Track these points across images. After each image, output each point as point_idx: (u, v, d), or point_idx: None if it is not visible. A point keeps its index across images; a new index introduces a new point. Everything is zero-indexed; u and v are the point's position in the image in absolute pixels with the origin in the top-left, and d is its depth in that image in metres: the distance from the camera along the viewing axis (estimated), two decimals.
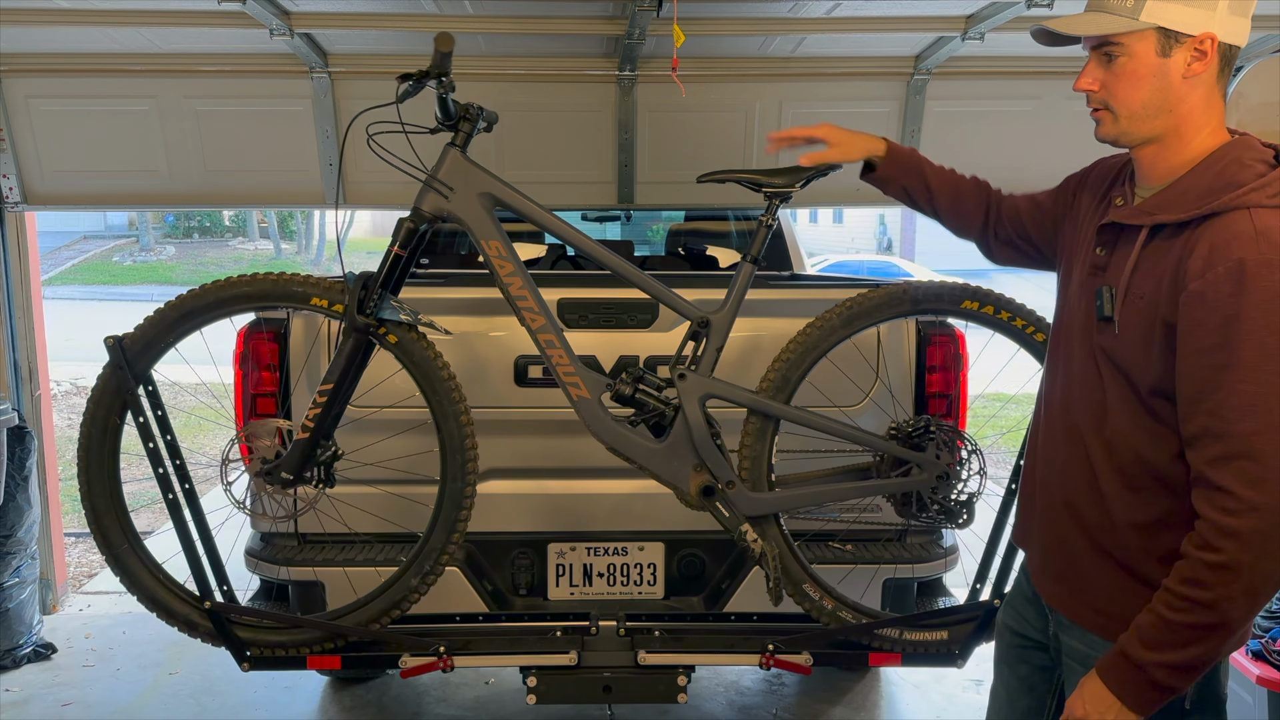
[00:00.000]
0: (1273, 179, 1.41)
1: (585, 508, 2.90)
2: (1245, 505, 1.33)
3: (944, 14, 3.57)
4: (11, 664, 3.85)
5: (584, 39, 3.77)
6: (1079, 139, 4.41)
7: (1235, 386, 1.34)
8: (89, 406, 2.56)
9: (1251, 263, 1.34)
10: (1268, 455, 1.32)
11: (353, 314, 2.41)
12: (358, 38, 3.77)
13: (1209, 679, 1.54)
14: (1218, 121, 1.48)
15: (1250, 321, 1.33)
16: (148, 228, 25.51)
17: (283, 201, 4.34)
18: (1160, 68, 1.45)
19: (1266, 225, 1.36)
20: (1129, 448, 1.50)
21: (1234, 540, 1.33)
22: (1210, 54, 1.44)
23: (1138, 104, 1.47)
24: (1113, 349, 1.51)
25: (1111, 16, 1.46)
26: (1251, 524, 1.33)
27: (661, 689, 2.65)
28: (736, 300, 2.45)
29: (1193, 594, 1.37)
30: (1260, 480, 1.32)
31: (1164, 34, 1.44)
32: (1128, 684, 1.44)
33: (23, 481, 3.92)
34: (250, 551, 2.91)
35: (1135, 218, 1.50)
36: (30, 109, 4.01)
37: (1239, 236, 1.36)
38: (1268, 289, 1.33)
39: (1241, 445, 1.33)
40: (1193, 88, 1.46)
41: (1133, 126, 1.49)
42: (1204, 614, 1.36)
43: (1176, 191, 1.46)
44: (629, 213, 4.79)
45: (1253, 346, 1.33)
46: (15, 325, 4.25)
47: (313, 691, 3.66)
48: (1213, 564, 1.35)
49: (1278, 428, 1.33)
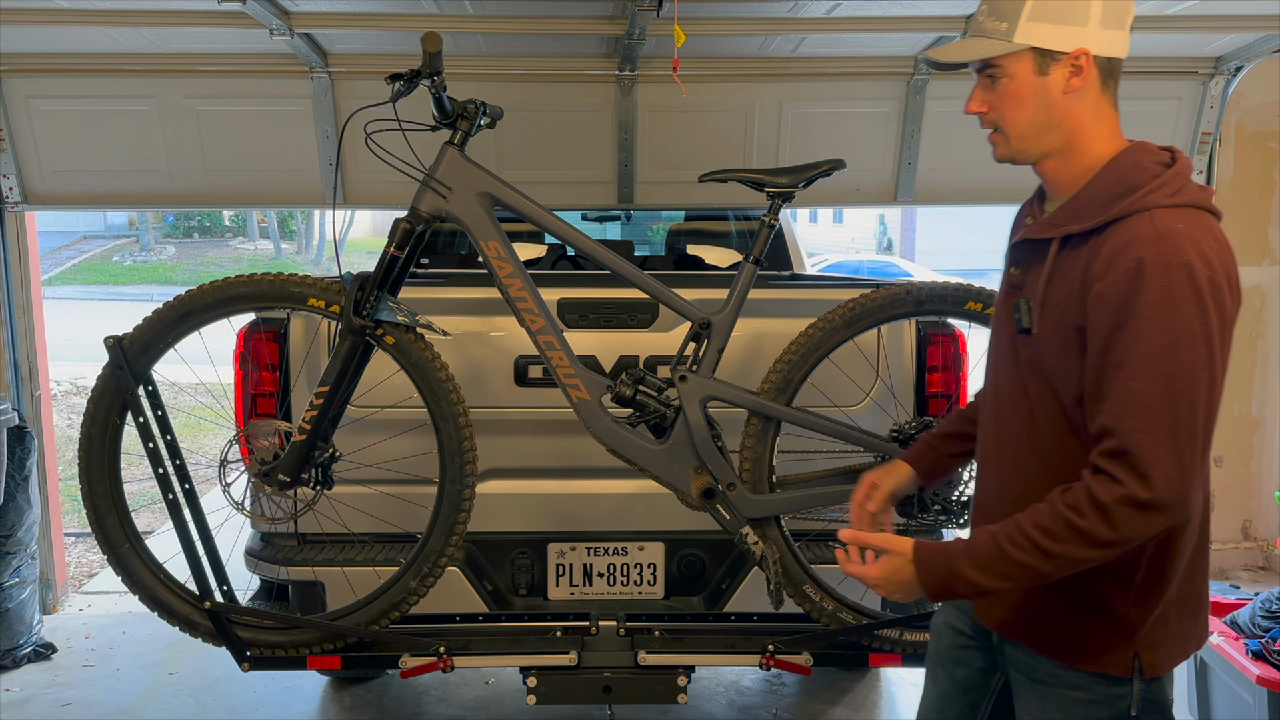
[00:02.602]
0: (1169, 178, 1.45)
1: (585, 508, 2.90)
2: (1123, 493, 1.36)
3: (944, 14, 3.56)
4: (11, 664, 3.85)
5: (584, 39, 3.77)
6: None
7: (1126, 384, 1.37)
8: (89, 406, 2.56)
9: (1150, 263, 1.37)
10: (1149, 451, 1.36)
11: (349, 315, 2.41)
12: (358, 38, 3.76)
13: (1158, 690, 1.54)
14: (1111, 130, 1.54)
15: (1144, 320, 1.36)
16: (148, 228, 25.50)
17: (283, 201, 4.34)
18: (1040, 86, 1.50)
19: (1168, 226, 1.39)
20: (1063, 461, 1.51)
21: (1100, 515, 1.37)
22: (1087, 68, 1.49)
23: (1025, 123, 1.52)
24: (1035, 361, 1.53)
25: (988, 41, 1.51)
26: (1121, 510, 1.37)
27: (661, 689, 2.65)
28: (738, 301, 2.45)
29: (1040, 540, 1.41)
30: (1141, 476, 1.36)
31: (1039, 53, 1.49)
32: (934, 581, 1.51)
33: (23, 481, 3.92)
34: (250, 551, 2.91)
35: (1045, 231, 1.53)
36: (30, 109, 4.01)
37: (1139, 237, 1.40)
38: (1163, 289, 1.36)
39: (1128, 442, 1.37)
40: (1076, 101, 1.51)
41: (1024, 145, 1.54)
42: (1038, 560, 1.41)
43: (1081, 201, 1.49)
44: (629, 213, 4.79)
45: (1144, 346, 1.36)
46: (15, 325, 4.25)
47: (312, 691, 3.66)
48: (1072, 524, 1.39)
49: (1162, 428, 1.36)
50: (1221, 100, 4.22)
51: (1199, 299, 1.36)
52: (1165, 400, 1.35)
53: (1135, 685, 1.52)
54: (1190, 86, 4.22)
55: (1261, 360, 4.70)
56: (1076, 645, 1.54)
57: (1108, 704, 1.54)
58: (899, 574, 1.54)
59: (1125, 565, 1.48)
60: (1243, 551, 4.80)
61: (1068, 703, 1.56)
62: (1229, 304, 1.40)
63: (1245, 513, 4.78)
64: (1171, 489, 1.36)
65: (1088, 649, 1.54)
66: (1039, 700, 1.59)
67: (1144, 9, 3.53)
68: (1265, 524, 4.78)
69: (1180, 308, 1.36)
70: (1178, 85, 4.21)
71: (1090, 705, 1.55)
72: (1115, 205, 1.44)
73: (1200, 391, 1.37)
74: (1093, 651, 1.53)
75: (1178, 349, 1.36)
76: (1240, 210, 4.60)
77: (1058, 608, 1.55)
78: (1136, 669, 1.51)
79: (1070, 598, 1.52)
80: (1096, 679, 1.54)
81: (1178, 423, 1.36)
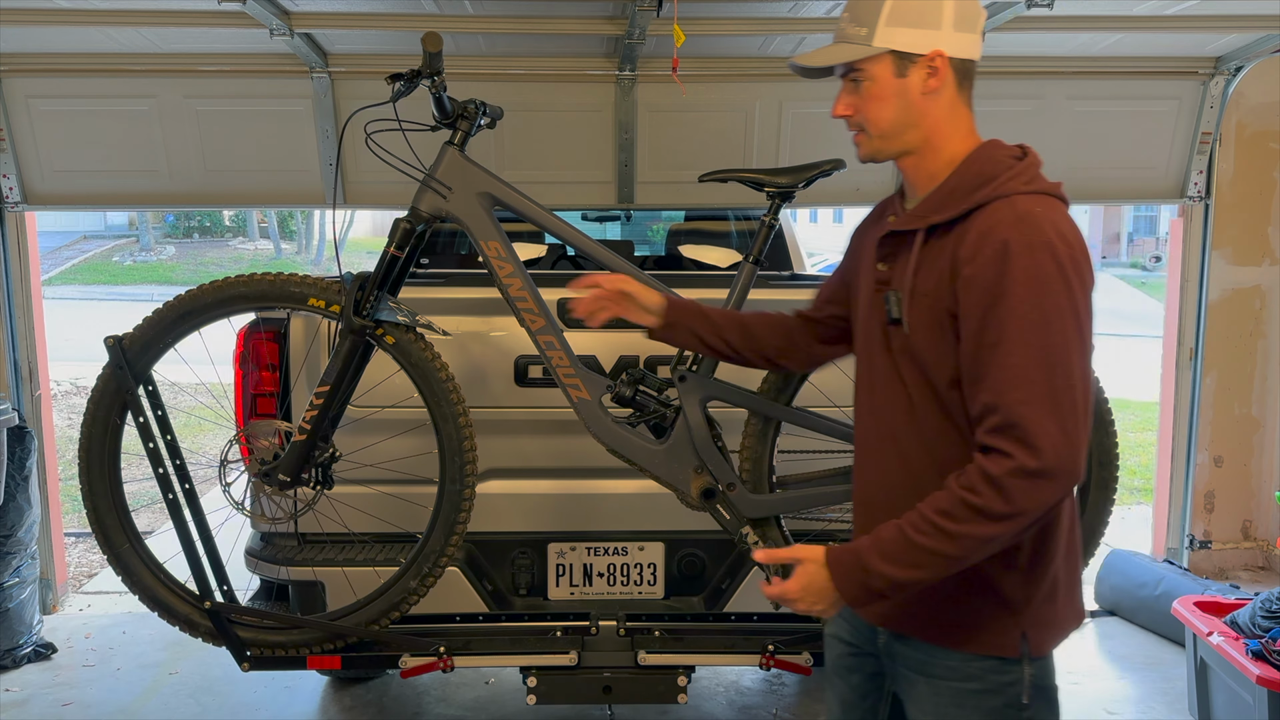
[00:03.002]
0: (1023, 168, 1.54)
1: (585, 508, 2.90)
2: (1014, 465, 1.40)
3: None
4: (11, 664, 3.85)
5: (584, 39, 3.77)
6: (1079, 139, 4.45)
7: (1004, 360, 1.43)
8: (89, 406, 2.56)
9: (1014, 244, 1.44)
10: (1034, 422, 1.40)
11: (349, 315, 2.41)
12: (358, 37, 3.76)
13: (1044, 672, 1.60)
14: (966, 128, 1.61)
15: (1014, 298, 1.42)
16: (148, 228, 25.48)
17: (283, 201, 4.34)
18: (900, 87, 1.57)
19: (1027, 209, 1.47)
20: (944, 444, 1.57)
21: (994, 490, 1.41)
22: (942, 70, 1.57)
23: (887, 123, 1.59)
24: (909, 350, 1.58)
25: (850, 46, 1.58)
26: (1014, 482, 1.40)
27: (661, 689, 2.65)
28: (738, 301, 2.45)
29: (942, 524, 1.44)
30: (1029, 446, 1.40)
31: (897, 56, 1.56)
32: (850, 581, 1.52)
33: (23, 481, 3.92)
34: (250, 551, 2.90)
35: (909, 223, 1.60)
36: (30, 109, 4.01)
37: (1002, 221, 1.47)
38: (1029, 268, 1.43)
39: (1013, 415, 1.41)
40: (934, 102, 1.58)
41: (885, 144, 1.61)
42: (943, 544, 1.44)
43: (943, 193, 1.57)
44: (629, 213, 4.79)
45: (1017, 322, 1.42)
46: (15, 325, 4.25)
47: (312, 691, 3.66)
48: (969, 504, 1.42)
49: (1043, 398, 1.41)
50: (1222, 100, 4.22)
51: (1063, 274, 1.43)
52: (1043, 372, 1.41)
53: (1025, 667, 1.56)
54: (1190, 86, 4.22)
55: (1262, 360, 4.70)
56: (965, 629, 1.58)
57: (999, 692, 1.57)
58: (815, 582, 1.55)
59: (1011, 545, 1.52)
60: (1243, 551, 4.80)
61: (960, 695, 1.59)
62: (1087, 277, 1.47)
63: (1245, 513, 4.78)
64: (1059, 456, 1.40)
65: (976, 632, 1.57)
66: (933, 696, 1.62)
67: (1144, 9, 3.53)
68: (1265, 524, 4.78)
69: (1047, 284, 1.42)
70: (1178, 85, 4.21)
71: (982, 695, 1.58)
72: (976, 194, 1.52)
73: (1074, 360, 1.43)
74: (981, 634, 1.57)
75: (1049, 323, 1.42)
76: (1240, 210, 4.60)
77: (945, 595, 1.58)
78: (1025, 650, 1.56)
79: (957, 583, 1.55)
80: (987, 665, 1.57)
81: (1057, 392, 1.41)
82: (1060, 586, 1.59)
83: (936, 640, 1.61)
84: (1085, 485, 2.78)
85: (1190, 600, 3.32)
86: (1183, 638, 3.49)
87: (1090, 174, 4.35)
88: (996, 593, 1.56)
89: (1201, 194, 4.42)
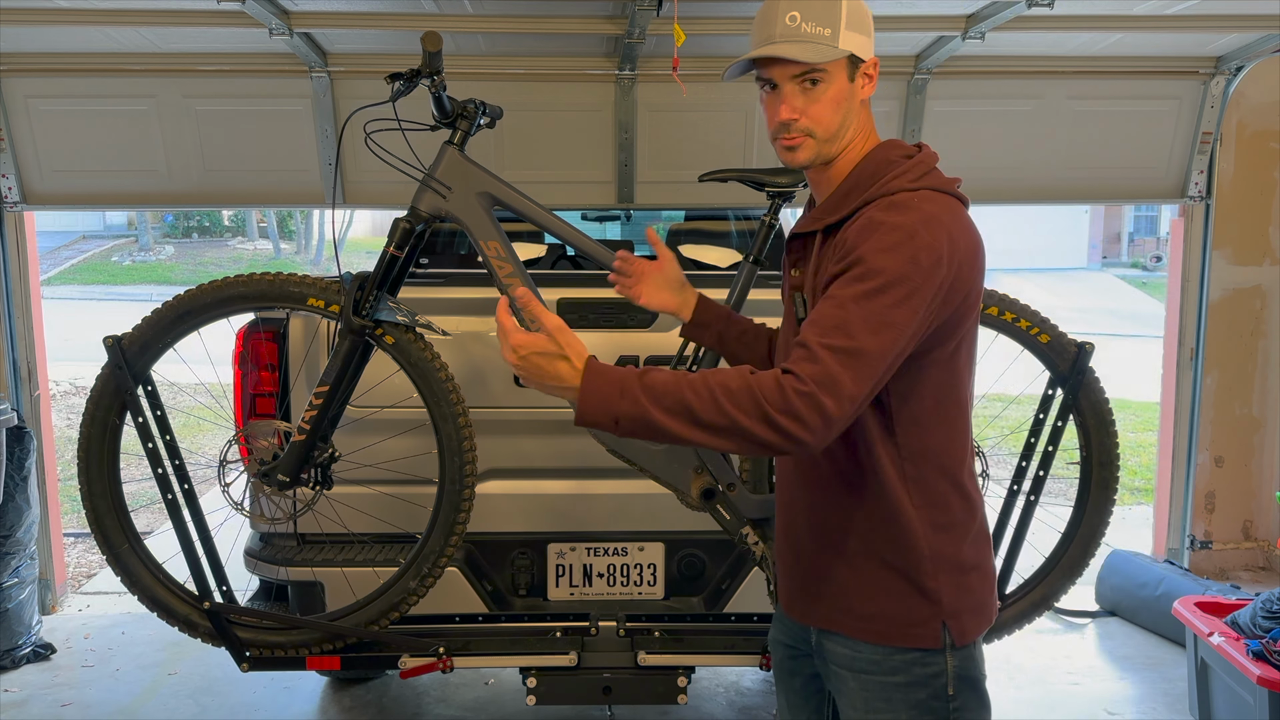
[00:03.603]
0: (909, 166, 1.56)
1: (585, 508, 2.90)
2: (805, 390, 1.40)
3: (944, 13, 3.56)
4: (10, 664, 3.84)
5: (584, 38, 3.77)
6: (1079, 139, 4.45)
7: (831, 311, 1.44)
8: (88, 406, 2.55)
9: (877, 220, 1.48)
10: (837, 370, 1.40)
11: (348, 315, 2.41)
12: (357, 37, 3.76)
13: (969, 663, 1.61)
14: (869, 129, 1.64)
15: (863, 265, 1.45)
16: (147, 227, 25.48)
17: (282, 201, 4.33)
18: (850, 91, 1.59)
19: (903, 200, 1.51)
20: (841, 444, 1.57)
21: (781, 399, 1.39)
22: (875, 76, 1.62)
23: (835, 126, 1.60)
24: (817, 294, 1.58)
25: (819, 46, 1.56)
26: (799, 404, 1.39)
27: (661, 690, 2.64)
28: (738, 301, 2.44)
29: (719, 397, 1.41)
30: (824, 386, 1.40)
31: (851, 61, 1.58)
32: (596, 394, 1.47)
33: (22, 482, 3.92)
34: (249, 552, 2.90)
35: (809, 225, 1.63)
36: (30, 109, 4.00)
37: (875, 208, 1.52)
38: (885, 240, 1.45)
39: (820, 354, 1.41)
40: (864, 107, 1.63)
41: (827, 148, 1.61)
42: (706, 411, 1.41)
43: (840, 194, 1.60)
44: (629, 212, 4.79)
45: (857, 283, 1.44)
46: (14, 325, 4.24)
47: (312, 692, 3.66)
48: (753, 396, 1.40)
49: (852, 351, 1.41)
50: (1222, 100, 4.22)
51: (915, 259, 1.44)
52: (863, 330, 1.42)
53: (948, 658, 1.58)
54: (1191, 86, 4.22)
55: (1262, 360, 4.70)
56: (885, 621, 1.60)
57: (924, 684, 1.59)
58: (542, 359, 1.50)
59: (905, 537, 1.57)
60: (1243, 552, 4.79)
61: (887, 689, 1.60)
62: (946, 275, 1.46)
63: (1246, 513, 4.78)
64: (842, 409, 1.41)
65: (897, 624, 1.59)
66: (861, 692, 1.63)
67: (1144, 9, 3.53)
68: (1266, 524, 4.78)
69: (897, 262, 1.44)
70: (1178, 85, 4.21)
71: (908, 689, 1.59)
72: (865, 193, 1.55)
73: (898, 336, 1.43)
74: (902, 626, 1.59)
75: (884, 293, 1.43)
76: (1240, 210, 4.60)
77: (865, 590, 1.61)
78: (947, 640, 1.58)
79: (876, 577, 1.59)
80: (910, 658, 1.59)
81: (863, 353, 1.41)
82: (973, 573, 1.62)
83: (860, 635, 1.62)
84: (1086, 485, 2.78)
85: (1191, 600, 3.32)
86: (1183, 638, 3.49)
87: (1090, 174, 4.35)
88: (914, 583, 1.58)
89: (1202, 194, 4.42)
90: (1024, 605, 2.78)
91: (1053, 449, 2.74)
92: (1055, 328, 2.70)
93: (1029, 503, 2.76)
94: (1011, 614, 2.77)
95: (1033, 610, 2.78)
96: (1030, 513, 2.76)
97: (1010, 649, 3.94)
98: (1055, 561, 2.79)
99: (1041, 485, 2.75)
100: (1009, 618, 2.77)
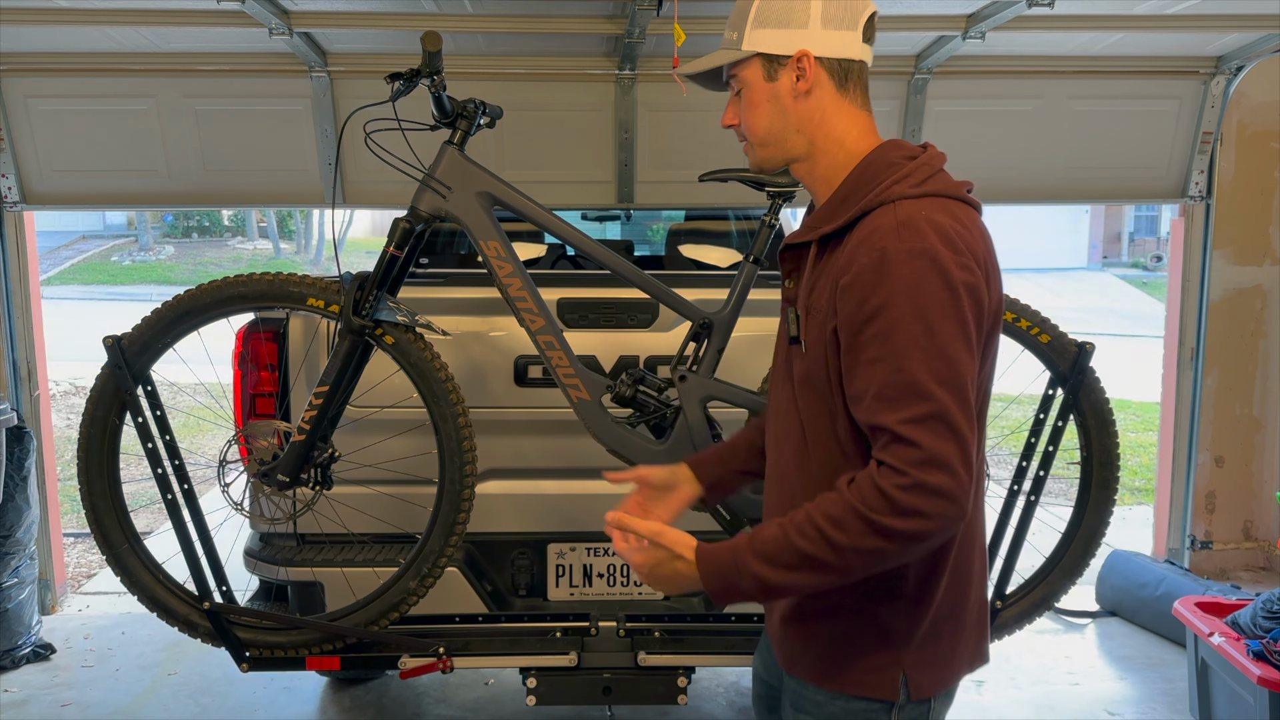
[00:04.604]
0: (912, 169, 1.42)
1: (585, 508, 2.90)
2: (907, 480, 1.28)
3: (944, 13, 3.56)
4: (10, 664, 3.84)
5: (584, 38, 3.77)
6: (1079, 139, 4.44)
7: (889, 379, 1.31)
8: (88, 406, 2.55)
9: (893, 251, 1.33)
10: (927, 441, 1.29)
11: (348, 315, 2.41)
12: (357, 37, 3.76)
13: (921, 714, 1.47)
14: (860, 130, 1.49)
15: (896, 310, 1.31)
16: (146, 227, 25.48)
17: (282, 201, 4.33)
18: (771, 91, 1.49)
19: (909, 215, 1.36)
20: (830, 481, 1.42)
21: (886, 503, 1.29)
22: (810, 70, 1.46)
23: (763, 129, 1.51)
24: (806, 374, 1.47)
25: (723, 51, 1.52)
26: (906, 497, 1.28)
27: (662, 690, 2.64)
28: (739, 301, 2.44)
29: (828, 531, 1.32)
30: (921, 465, 1.28)
31: (765, 59, 1.48)
32: (717, 578, 1.40)
33: (21, 482, 3.92)
34: (249, 552, 2.90)
35: (802, 235, 1.49)
36: (29, 109, 4.00)
37: (881, 228, 1.36)
38: (909, 277, 1.32)
39: (904, 432, 1.30)
40: (812, 104, 1.48)
41: (767, 152, 1.53)
42: (825, 553, 1.32)
43: (835, 201, 1.46)
44: (629, 212, 4.79)
45: (900, 335, 1.31)
46: (14, 325, 4.24)
47: (312, 692, 3.65)
48: (859, 513, 1.30)
49: (933, 415, 1.29)
50: (1223, 100, 4.22)
51: (948, 283, 1.32)
52: (934, 383, 1.29)
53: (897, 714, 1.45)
54: (1191, 86, 4.22)
55: (1262, 360, 4.70)
56: (840, 663, 1.47)
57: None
58: (666, 569, 1.45)
59: (892, 572, 1.41)
60: (1244, 552, 4.79)
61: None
62: (980, 289, 1.36)
63: (1246, 513, 4.78)
64: (958, 476, 1.29)
65: (851, 668, 1.46)
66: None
67: (1145, 8, 3.52)
68: (1266, 524, 4.78)
69: (931, 294, 1.31)
70: (1178, 85, 4.21)
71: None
72: (862, 200, 1.41)
73: (964, 373, 1.32)
74: (857, 671, 1.46)
75: (934, 335, 1.31)
76: (1240, 210, 4.60)
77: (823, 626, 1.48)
78: (904, 691, 1.44)
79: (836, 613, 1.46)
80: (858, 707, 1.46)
81: (947, 410, 1.29)
82: (945, 623, 1.47)
83: (809, 675, 1.51)
84: (1086, 485, 2.77)
85: (1191, 601, 3.32)
86: (1184, 638, 3.49)
87: (1091, 174, 4.35)
88: (876, 625, 1.45)
89: (1202, 194, 4.42)
90: (1024, 606, 2.78)
91: (1053, 449, 2.74)
92: (1055, 328, 2.70)
93: (1029, 503, 2.76)
94: (1012, 614, 2.77)
95: (1033, 610, 2.78)
96: (1030, 513, 2.76)
97: (1010, 649, 3.94)
98: (1055, 562, 2.79)
99: (1042, 485, 2.75)
100: (1009, 618, 2.77)
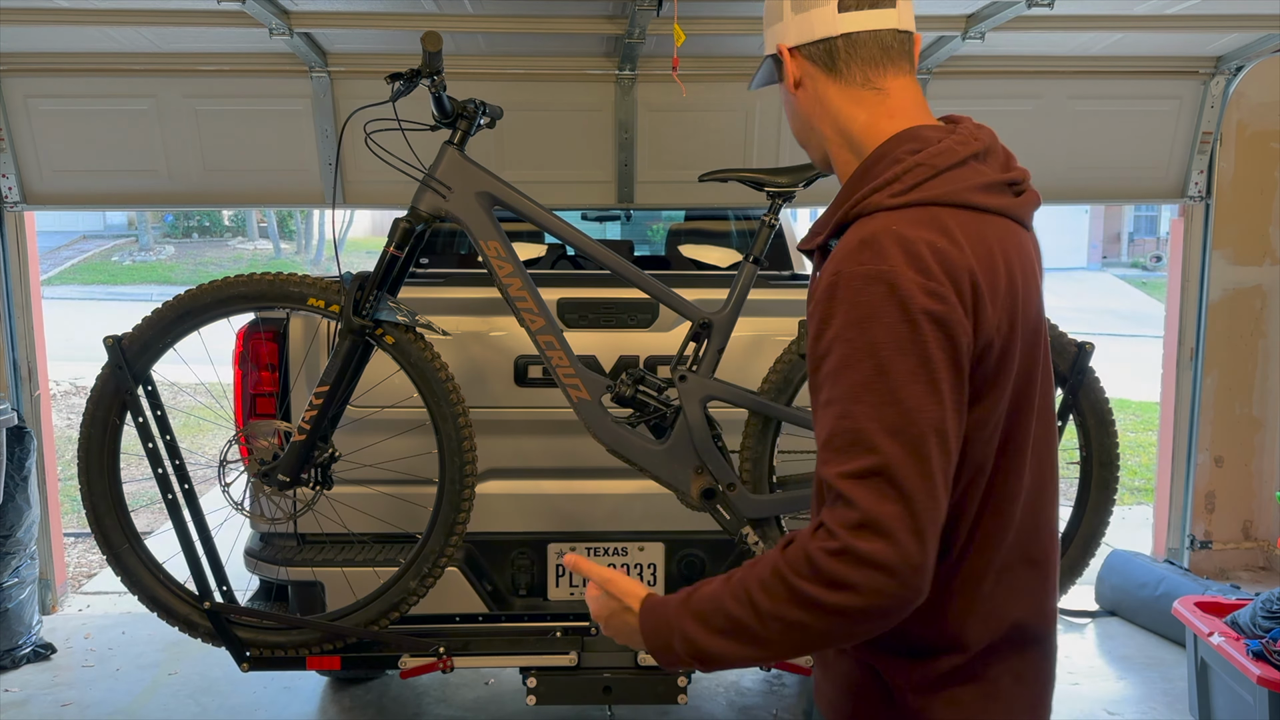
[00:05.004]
0: (896, 172, 1.21)
1: (585, 508, 2.90)
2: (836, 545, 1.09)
3: (944, 13, 3.56)
4: (11, 664, 3.84)
5: (584, 38, 3.77)
6: (1079, 139, 4.44)
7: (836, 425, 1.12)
8: (88, 406, 2.55)
9: (846, 276, 1.14)
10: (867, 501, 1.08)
11: (348, 315, 2.41)
12: (357, 37, 3.76)
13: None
14: (868, 115, 1.30)
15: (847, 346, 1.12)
16: (147, 227, 25.48)
17: (282, 201, 4.33)
18: (784, 93, 1.40)
19: (874, 231, 1.16)
20: None
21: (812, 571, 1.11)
22: (789, 62, 1.35)
23: (795, 128, 1.42)
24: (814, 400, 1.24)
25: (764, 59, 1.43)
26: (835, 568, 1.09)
27: (662, 690, 2.64)
28: (738, 301, 2.44)
29: (756, 596, 1.15)
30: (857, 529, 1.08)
31: (774, 61, 1.40)
32: (657, 637, 1.24)
33: (22, 482, 3.92)
34: (250, 552, 2.90)
35: (807, 243, 1.34)
36: (30, 109, 4.00)
37: (846, 246, 1.18)
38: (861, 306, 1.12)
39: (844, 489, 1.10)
40: (812, 98, 1.34)
41: (807, 152, 1.43)
42: (752, 620, 1.15)
43: (833, 206, 1.30)
44: (629, 212, 4.79)
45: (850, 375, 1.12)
46: (15, 325, 4.24)
47: (312, 692, 3.66)
48: (784, 579, 1.12)
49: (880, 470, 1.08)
50: (1222, 100, 4.22)
51: (905, 314, 1.10)
52: (880, 433, 1.09)
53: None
54: (1191, 86, 4.22)
55: (1262, 360, 4.70)
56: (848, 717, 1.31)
57: None
58: (618, 621, 1.31)
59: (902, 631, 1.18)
60: (1243, 552, 4.79)
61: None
62: (953, 320, 1.12)
63: (1246, 513, 4.78)
64: (902, 544, 1.07)
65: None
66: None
67: (1144, 8, 3.53)
68: (1266, 524, 4.78)
69: (885, 327, 1.10)
70: (1178, 85, 4.21)
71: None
72: (839, 211, 1.25)
73: (925, 425, 1.09)
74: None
75: (885, 376, 1.10)
76: (1240, 210, 4.60)
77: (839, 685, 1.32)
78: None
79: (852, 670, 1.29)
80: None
81: (892, 466, 1.08)
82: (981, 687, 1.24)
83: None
84: (1085, 485, 2.78)
85: (1191, 600, 3.32)
86: (1183, 638, 3.49)
87: (1090, 174, 4.35)
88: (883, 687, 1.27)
89: (1202, 194, 4.42)
90: None
91: None
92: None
93: None
94: None
95: None
96: None
97: None
98: None
99: None
100: None
